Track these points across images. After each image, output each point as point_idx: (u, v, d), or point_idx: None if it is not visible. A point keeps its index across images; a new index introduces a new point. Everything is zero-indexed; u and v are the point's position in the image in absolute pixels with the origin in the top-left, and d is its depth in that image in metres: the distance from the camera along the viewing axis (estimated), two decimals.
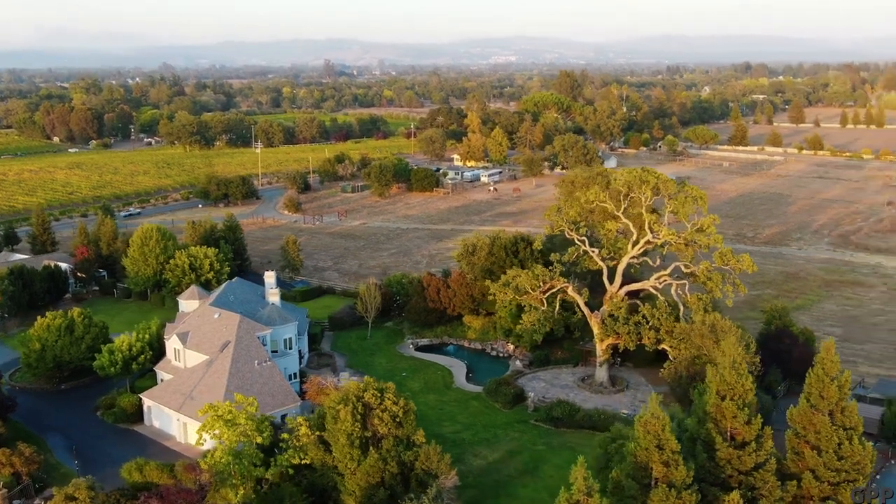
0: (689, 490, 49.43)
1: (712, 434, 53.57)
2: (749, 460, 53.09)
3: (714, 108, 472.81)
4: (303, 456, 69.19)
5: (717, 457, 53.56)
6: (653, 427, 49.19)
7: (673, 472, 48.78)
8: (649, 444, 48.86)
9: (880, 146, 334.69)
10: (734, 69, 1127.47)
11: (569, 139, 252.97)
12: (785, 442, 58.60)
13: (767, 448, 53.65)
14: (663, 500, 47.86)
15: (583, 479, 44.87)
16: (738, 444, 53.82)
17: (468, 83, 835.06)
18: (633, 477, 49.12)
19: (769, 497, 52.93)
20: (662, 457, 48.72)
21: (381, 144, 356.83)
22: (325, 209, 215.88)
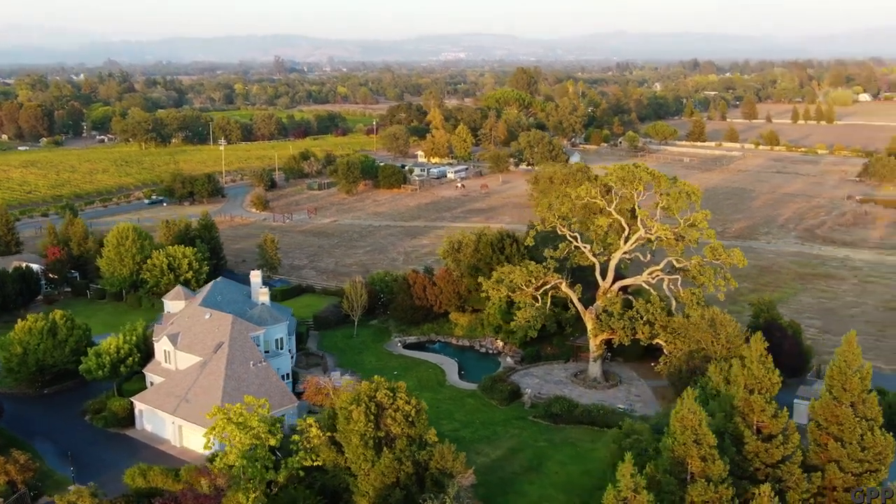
0: (725, 484, 49.74)
1: (740, 428, 53.99)
2: (777, 453, 53.63)
3: (669, 105, 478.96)
4: (315, 457, 68.16)
5: (746, 450, 53.96)
6: (690, 422, 49.39)
7: (710, 466, 49.04)
8: (687, 440, 49.03)
9: (832, 141, 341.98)
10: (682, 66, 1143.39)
11: (534, 135, 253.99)
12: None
13: (794, 441, 54.19)
14: (702, 494, 48.09)
15: (629, 476, 44.81)
16: (764, 438, 54.27)
17: (422, 80, 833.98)
18: (669, 472, 49.20)
19: (796, 489, 53.50)
20: (700, 451, 48.94)
21: (341, 141, 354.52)
22: (293, 207, 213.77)
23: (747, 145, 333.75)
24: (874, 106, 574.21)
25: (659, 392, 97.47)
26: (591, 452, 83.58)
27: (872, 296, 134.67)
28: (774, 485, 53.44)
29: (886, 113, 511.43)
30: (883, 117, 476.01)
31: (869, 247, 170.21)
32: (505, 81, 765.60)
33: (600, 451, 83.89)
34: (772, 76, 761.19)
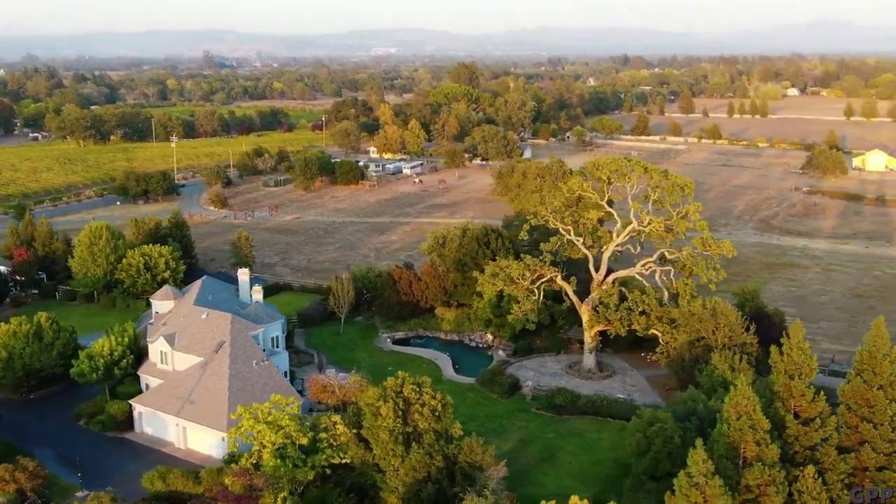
0: (776, 467, 51.28)
1: (780, 413, 55.56)
2: (815, 436, 55.37)
3: (609, 100, 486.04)
4: (342, 455, 67.88)
5: (786, 434, 55.59)
6: (744, 408, 50.74)
7: (765, 450, 50.49)
8: (743, 425, 50.36)
9: (767, 135, 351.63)
10: (613, 61, 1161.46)
11: (489, 130, 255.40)
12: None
13: (831, 424, 56.02)
14: (758, 477, 49.49)
15: (702, 462, 45.88)
16: (803, 421, 56.01)
17: (358, 75, 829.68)
18: (726, 457, 50.48)
19: (834, 470, 55.32)
20: (756, 436, 50.34)
21: (287, 138, 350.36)
22: (251, 204, 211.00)
23: (691, 139, 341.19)
24: (802, 100, 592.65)
25: (653, 381, 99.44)
26: (599, 442, 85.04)
27: (837, 283, 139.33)
28: (813, 467, 55.14)
29: (814, 107, 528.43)
30: (812, 111, 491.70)
31: (824, 236, 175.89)
32: (442, 77, 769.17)
33: (607, 440, 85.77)
34: (703, 71, 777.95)
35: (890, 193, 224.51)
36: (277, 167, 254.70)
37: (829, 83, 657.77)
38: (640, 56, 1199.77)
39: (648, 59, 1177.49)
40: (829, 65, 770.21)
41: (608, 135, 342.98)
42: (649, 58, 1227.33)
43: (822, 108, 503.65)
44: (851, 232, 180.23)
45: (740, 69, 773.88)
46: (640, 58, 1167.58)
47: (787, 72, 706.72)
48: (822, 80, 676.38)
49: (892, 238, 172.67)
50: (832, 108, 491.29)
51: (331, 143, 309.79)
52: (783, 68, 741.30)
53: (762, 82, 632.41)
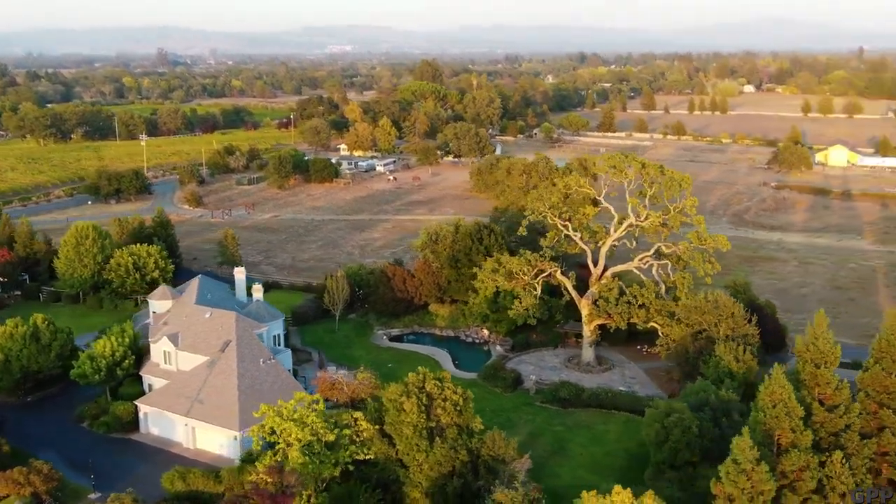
0: (809, 452, 52.79)
1: (807, 400, 57.08)
2: (840, 422, 57.01)
3: (571, 97, 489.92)
4: (366, 451, 68.14)
5: (812, 421, 57.13)
6: (780, 397, 52.13)
7: (799, 436, 51.96)
8: (779, 413, 51.75)
9: (729, 130, 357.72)
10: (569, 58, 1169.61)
11: (461, 127, 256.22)
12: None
13: (854, 411, 57.72)
14: (794, 462, 50.90)
15: (748, 449, 47.12)
16: (828, 408, 57.63)
17: (317, 73, 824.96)
18: (762, 444, 51.82)
19: (858, 455, 57.02)
20: (791, 423, 51.77)
21: (253, 136, 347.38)
22: (226, 203, 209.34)
23: (656, 135, 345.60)
24: (758, 97, 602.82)
25: (651, 373, 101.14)
26: (607, 434, 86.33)
27: (816, 276, 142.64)
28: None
29: (771, 103, 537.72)
30: (769, 107, 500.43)
31: (797, 230, 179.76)
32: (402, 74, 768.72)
33: (614, 432, 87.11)
34: (659, 69, 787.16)
35: (854, 188, 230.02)
36: (249, 165, 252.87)
37: (784, 80, 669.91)
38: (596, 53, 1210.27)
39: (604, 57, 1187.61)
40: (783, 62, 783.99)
41: (575, 131, 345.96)
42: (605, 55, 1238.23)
43: (778, 105, 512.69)
44: (822, 225, 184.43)
45: (697, 66, 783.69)
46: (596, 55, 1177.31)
47: (743, 69, 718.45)
48: (777, 76, 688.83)
49: (862, 231, 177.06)
50: (788, 105, 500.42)
51: (300, 140, 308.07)
52: (738, 65, 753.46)
53: (719, 79, 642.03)
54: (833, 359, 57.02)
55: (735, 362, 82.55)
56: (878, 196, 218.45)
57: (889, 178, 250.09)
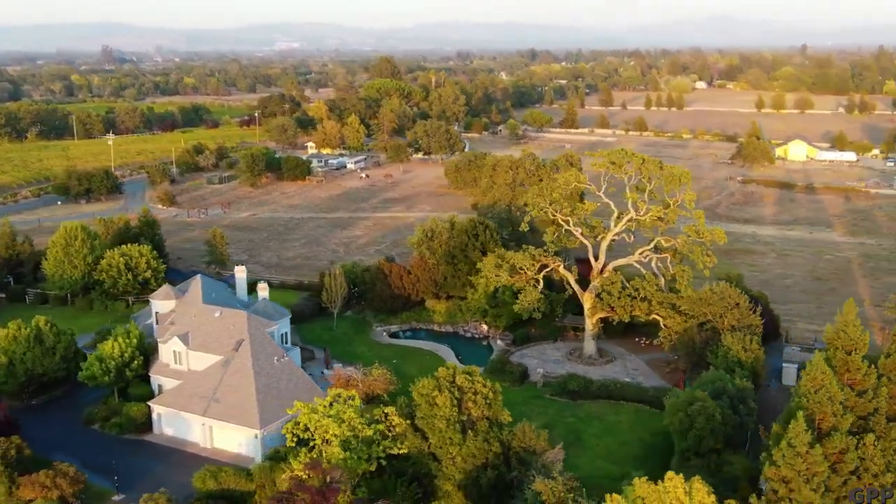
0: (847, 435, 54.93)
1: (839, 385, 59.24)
2: (869, 406, 59.36)
3: (530, 93, 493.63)
4: (399, 445, 68.91)
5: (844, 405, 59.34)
6: (821, 382, 54.18)
7: (840, 420, 54.07)
8: (822, 398, 53.79)
9: (686, 126, 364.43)
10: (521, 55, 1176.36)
11: (431, 125, 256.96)
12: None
13: (882, 395, 60.12)
14: (837, 445, 52.99)
15: (803, 433, 48.98)
16: (857, 393, 59.95)
17: (271, 70, 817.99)
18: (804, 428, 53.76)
19: (886, 437, 59.43)
20: (833, 408, 53.85)
21: (215, 134, 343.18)
22: (199, 201, 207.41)
23: (618, 131, 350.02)
24: (711, 93, 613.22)
25: (652, 365, 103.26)
26: (619, 424, 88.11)
27: (795, 268, 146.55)
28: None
29: (724, 99, 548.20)
30: (723, 103, 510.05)
31: (768, 223, 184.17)
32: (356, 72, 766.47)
33: (626, 422, 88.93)
34: (613, 65, 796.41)
35: (817, 181, 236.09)
36: (219, 164, 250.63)
37: (735, 76, 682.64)
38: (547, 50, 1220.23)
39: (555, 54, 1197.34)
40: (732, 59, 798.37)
41: (539, 128, 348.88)
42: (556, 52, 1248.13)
43: (731, 101, 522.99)
44: (792, 218, 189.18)
45: (649, 63, 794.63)
46: (547, 52, 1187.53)
47: (694, 65, 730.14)
48: (727, 73, 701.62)
49: (831, 224, 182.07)
50: (741, 101, 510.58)
51: (265, 138, 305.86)
52: (690, 62, 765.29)
53: (672, 76, 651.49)
54: (862, 345, 59.35)
55: (743, 352, 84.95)
56: (840, 189, 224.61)
57: (847, 172, 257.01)
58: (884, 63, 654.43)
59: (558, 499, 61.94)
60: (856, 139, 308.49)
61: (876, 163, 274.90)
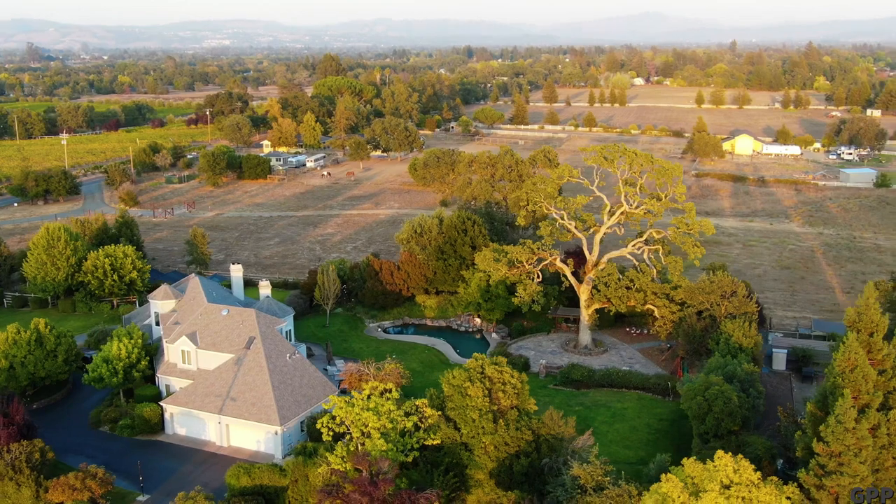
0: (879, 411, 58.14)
1: None
2: (890, 384, 62.72)
3: (476, 91, 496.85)
4: (433, 436, 70.14)
5: None
6: (855, 362, 57.21)
7: (872, 398, 57.20)
8: (857, 377, 56.82)
9: (632, 121, 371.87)
10: (456, 52, 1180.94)
11: (390, 122, 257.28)
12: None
13: None
14: (871, 420, 56.07)
15: (850, 408, 51.82)
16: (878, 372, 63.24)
17: (208, 68, 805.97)
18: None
19: None
20: (867, 386, 56.94)
21: (162, 133, 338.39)
22: (160, 201, 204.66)
23: (567, 127, 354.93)
24: (649, 89, 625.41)
25: (646, 353, 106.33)
26: (625, 411, 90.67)
27: (763, 258, 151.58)
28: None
29: (663, 95, 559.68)
30: (663, 99, 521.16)
31: (728, 215, 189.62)
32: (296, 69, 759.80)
33: (632, 409, 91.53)
34: (552, 62, 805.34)
35: (767, 174, 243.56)
36: (176, 163, 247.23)
37: (671, 73, 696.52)
38: (483, 48, 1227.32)
39: (491, 51, 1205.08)
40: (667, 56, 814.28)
41: (490, 125, 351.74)
42: (492, 49, 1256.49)
43: (671, 97, 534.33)
44: (750, 211, 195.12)
45: (588, 60, 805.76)
46: (483, 49, 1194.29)
47: (632, 62, 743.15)
48: (664, 70, 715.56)
49: (789, 215, 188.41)
50: (681, 97, 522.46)
51: (218, 137, 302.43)
52: (627, 59, 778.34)
53: (611, 72, 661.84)
54: (882, 327, 62.53)
55: (744, 338, 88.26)
56: (790, 182, 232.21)
57: (793, 165, 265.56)
58: (812, 59, 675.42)
59: (597, 482, 64.14)
60: (794, 133, 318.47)
61: (819, 156, 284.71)
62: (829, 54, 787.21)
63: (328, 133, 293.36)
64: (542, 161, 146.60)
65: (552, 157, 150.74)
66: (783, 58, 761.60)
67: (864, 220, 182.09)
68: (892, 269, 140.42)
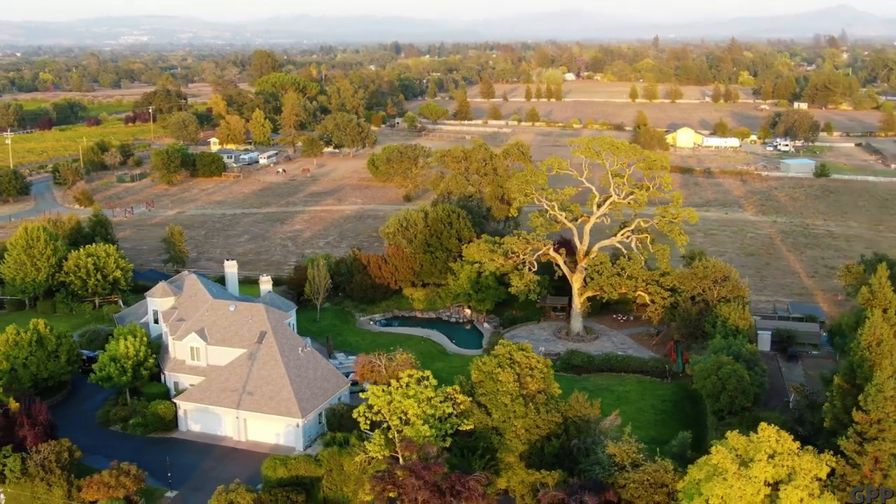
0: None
1: None
2: None
3: (414, 87, 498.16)
4: (466, 421, 71.88)
5: None
6: (881, 336, 61.11)
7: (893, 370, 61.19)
8: (883, 350, 60.71)
9: (571, 116, 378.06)
10: (384, 48, 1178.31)
11: (342, 118, 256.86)
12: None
13: None
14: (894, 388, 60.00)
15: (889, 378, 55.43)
16: None
17: (133, 65, 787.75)
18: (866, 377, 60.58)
19: None
20: (892, 359, 60.85)
21: (99, 131, 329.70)
22: (114, 200, 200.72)
23: (511, 122, 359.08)
24: (580, 84, 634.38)
25: (636, 338, 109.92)
26: (628, 394, 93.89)
27: (725, 245, 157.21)
28: None
29: (596, 90, 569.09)
30: (597, 94, 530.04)
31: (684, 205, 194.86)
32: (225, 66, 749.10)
33: (634, 391, 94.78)
34: (483, 57, 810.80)
35: (711, 165, 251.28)
36: (126, 162, 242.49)
37: (600, 68, 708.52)
38: (411, 43, 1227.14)
39: (418, 46, 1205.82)
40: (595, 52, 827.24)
41: (435, 120, 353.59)
42: (418, 45, 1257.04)
43: (604, 92, 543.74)
44: (703, 201, 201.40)
45: (519, 56, 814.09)
46: (411, 45, 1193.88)
47: (562, 58, 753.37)
48: (593, 65, 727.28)
49: (742, 205, 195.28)
50: (613, 91, 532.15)
51: (162, 135, 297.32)
52: (557, 55, 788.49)
53: (542, 68, 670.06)
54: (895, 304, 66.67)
55: (740, 320, 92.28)
56: (735, 173, 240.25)
57: (733, 157, 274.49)
58: (735, 55, 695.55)
59: (633, 459, 66.85)
60: (730, 126, 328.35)
61: (756, 148, 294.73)
62: (749, 50, 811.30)
63: (277, 130, 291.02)
64: (515, 155, 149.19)
65: (525, 150, 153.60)
66: (706, 53, 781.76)
67: (813, 209, 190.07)
68: (848, 254, 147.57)
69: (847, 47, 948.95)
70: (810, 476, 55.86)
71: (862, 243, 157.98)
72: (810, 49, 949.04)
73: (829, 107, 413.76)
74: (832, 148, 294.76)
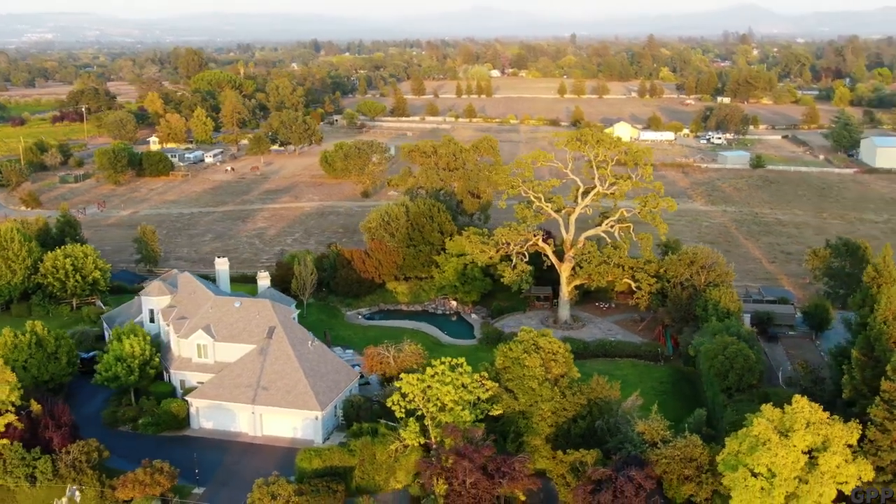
0: None
1: None
2: None
3: (345, 84, 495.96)
4: (495, 406, 73.72)
5: None
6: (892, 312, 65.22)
7: None
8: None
9: (503, 112, 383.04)
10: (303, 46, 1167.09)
11: (288, 116, 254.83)
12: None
13: None
14: None
15: None
16: None
17: (47, 63, 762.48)
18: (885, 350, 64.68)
19: None
20: None
21: (26, 131, 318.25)
22: (60, 201, 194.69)
23: (449, 118, 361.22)
24: (507, 80, 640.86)
25: (622, 325, 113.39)
26: (626, 378, 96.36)
27: (683, 234, 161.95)
28: None
29: (524, 86, 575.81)
30: (525, 90, 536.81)
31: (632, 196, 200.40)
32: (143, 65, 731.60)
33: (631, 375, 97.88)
34: (407, 55, 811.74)
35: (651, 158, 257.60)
36: (66, 162, 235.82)
37: (525, 65, 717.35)
38: (330, 41, 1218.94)
39: (338, 44, 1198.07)
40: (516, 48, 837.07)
41: (373, 117, 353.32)
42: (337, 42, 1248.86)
43: (532, 88, 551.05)
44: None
45: (444, 53, 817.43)
46: (330, 42, 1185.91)
47: (486, 55, 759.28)
48: (517, 62, 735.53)
49: (690, 195, 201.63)
50: (541, 88, 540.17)
51: (97, 134, 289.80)
52: (482, 51, 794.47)
53: (468, 65, 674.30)
54: None
55: (731, 303, 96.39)
56: (676, 165, 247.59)
57: (669, 150, 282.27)
58: (654, 51, 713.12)
59: (661, 437, 69.73)
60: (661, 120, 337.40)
61: (690, 141, 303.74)
62: (664, 47, 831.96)
63: (219, 128, 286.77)
64: (485, 149, 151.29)
65: (494, 145, 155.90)
66: (625, 49, 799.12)
67: (758, 198, 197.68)
68: (800, 240, 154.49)
69: (756, 44, 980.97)
70: (842, 443, 59.59)
71: (810, 230, 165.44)
72: (721, 46, 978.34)
73: (750, 101, 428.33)
74: (761, 140, 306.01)
